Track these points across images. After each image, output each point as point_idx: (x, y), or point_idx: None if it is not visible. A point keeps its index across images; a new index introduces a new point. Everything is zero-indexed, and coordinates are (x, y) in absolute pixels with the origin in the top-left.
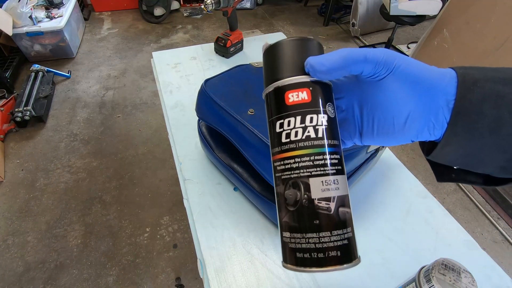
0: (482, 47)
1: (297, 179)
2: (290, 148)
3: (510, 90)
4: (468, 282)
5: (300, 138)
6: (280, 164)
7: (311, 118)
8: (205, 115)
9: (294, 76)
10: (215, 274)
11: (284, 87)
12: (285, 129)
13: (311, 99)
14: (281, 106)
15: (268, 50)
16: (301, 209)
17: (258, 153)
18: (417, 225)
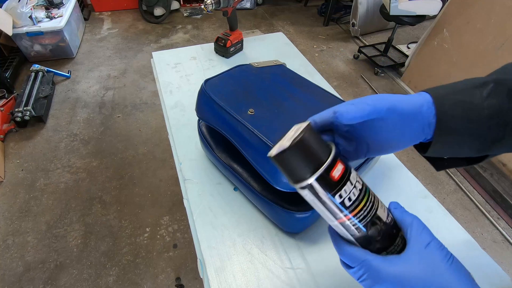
0: (482, 47)
1: (372, 219)
2: (356, 205)
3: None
4: None
5: (358, 194)
6: (353, 220)
7: (353, 176)
8: (205, 115)
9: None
10: (215, 274)
11: (326, 170)
12: (344, 196)
13: (344, 165)
14: (331, 184)
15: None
16: (384, 234)
17: (257, 153)
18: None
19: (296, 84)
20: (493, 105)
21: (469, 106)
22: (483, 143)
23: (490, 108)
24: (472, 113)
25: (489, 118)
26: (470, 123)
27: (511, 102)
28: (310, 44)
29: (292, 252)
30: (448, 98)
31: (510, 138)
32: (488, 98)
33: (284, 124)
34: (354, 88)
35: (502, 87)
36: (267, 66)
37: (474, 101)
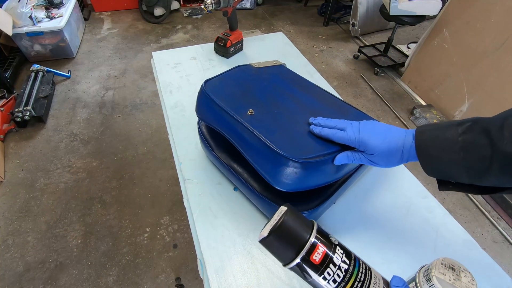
0: (482, 47)
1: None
2: (343, 286)
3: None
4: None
5: (343, 275)
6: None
7: (336, 257)
8: (205, 116)
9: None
10: (215, 274)
11: (306, 255)
12: (329, 279)
13: (325, 248)
14: (313, 267)
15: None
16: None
17: (257, 153)
18: (417, 225)
19: (296, 85)
20: (468, 140)
21: (444, 138)
22: (469, 172)
23: (465, 142)
24: (445, 145)
25: (464, 150)
26: (444, 152)
27: (486, 139)
28: (310, 44)
29: None
30: (427, 133)
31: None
32: (463, 134)
33: (283, 124)
34: (354, 88)
35: (477, 126)
36: (267, 67)
37: (448, 135)
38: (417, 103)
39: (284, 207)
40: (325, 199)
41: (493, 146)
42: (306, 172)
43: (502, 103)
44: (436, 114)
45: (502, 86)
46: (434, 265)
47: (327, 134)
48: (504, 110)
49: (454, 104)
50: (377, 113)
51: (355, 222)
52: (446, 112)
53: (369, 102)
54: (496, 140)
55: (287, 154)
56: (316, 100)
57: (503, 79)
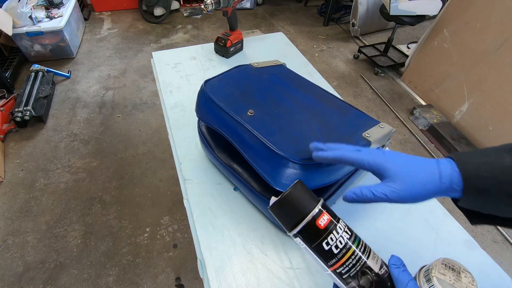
0: (482, 47)
1: (362, 268)
2: (344, 253)
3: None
4: (468, 282)
5: (345, 243)
6: (343, 268)
7: (339, 227)
8: (204, 116)
9: (314, 207)
10: (215, 274)
11: (312, 220)
12: (332, 244)
13: (330, 216)
14: (318, 231)
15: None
16: (378, 284)
17: (257, 154)
18: (417, 225)
19: (296, 85)
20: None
21: (498, 167)
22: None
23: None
24: (501, 174)
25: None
26: (500, 183)
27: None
28: (310, 44)
29: (292, 252)
30: (473, 161)
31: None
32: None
33: (283, 125)
34: (354, 88)
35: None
36: (267, 67)
37: (505, 163)
38: (417, 103)
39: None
40: (325, 200)
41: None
42: (306, 173)
43: (502, 103)
44: (436, 114)
45: (502, 86)
46: (434, 266)
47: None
48: (504, 110)
49: (454, 104)
50: (377, 113)
51: (355, 223)
52: (446, 112)
53: (369, 102)
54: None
55: (287, 155)
56: (316, 100)
57: (503, 79)
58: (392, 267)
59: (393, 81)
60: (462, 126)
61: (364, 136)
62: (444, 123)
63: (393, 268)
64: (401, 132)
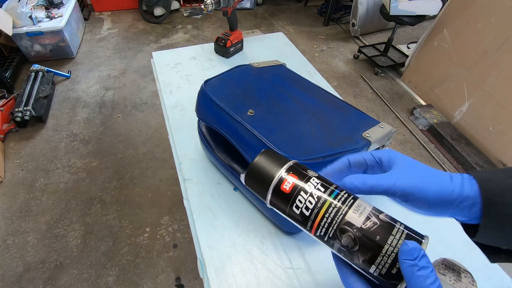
0: (482, 47)
1: (339, 226)
2: (316, 213)
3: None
4: (468, 282)
5: (315, 201)
6: (321, 229)
7: (308, 185)
8: (205, 116)
9: (276, 174)
10: (215, 274)
11: (276, 186)
12: (301, 206)
13: (297, 177)
14: (285, 197)
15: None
16: (362, 242)
17: (257, 153)
18: (417, 225)
19: (296, 85)
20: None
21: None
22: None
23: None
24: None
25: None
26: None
27: None
28: (310, 44)
29: (292, 252)
30: (496, 182)
31: None
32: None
33: (284, 124)
34: (354, 88)
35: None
36: (267, 66)
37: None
38: (417, 103)
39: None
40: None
41: None
42: None
43: (502, 103)
44: (436, 114)
45: (502, 86)
46: (435, 266)
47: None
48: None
49: (454, 104)
50: (377, 113)
51: None
52: (446, 112)
53: (369, 102)
54: None
55: (287, 155)
56: (317, 100)
57: (503, 79)
58: (403, 265)
59: (393, 81)
60: (462, 126)
61: (364, 136)
62: (444, 123)
63: (406, 266)
64: (401, 132)
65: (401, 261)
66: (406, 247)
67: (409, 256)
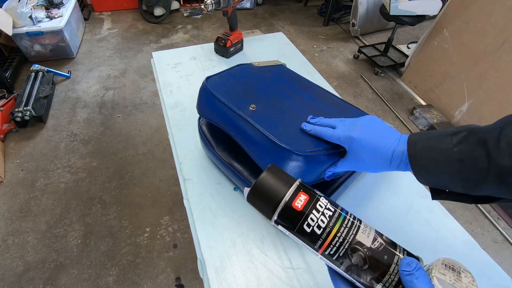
0: (482, 47)
1: (351, 245)
2: (328, 232)
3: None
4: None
5: (328, 220)
6: (331, 249)
7: (319, 205)
8: (206, 112)
9: (288, 191)
10: (215, 274)
11: (288, 203)
12: (313, 225)
13: (308, 195)
14: (297, 214)
15: (255, 189)
16: (371, 261)
17: (260, 147)
18: (417, 225)
19: (297, 84)
20: (463, 151)
21: (438, 149)
22: (464, 183)
23: (461, 153)
24: (439, 156)
25: (459, 162)
26: (438, 163)
27: (482, 150)
28: (310, 44)
29: (292, 252)
30: (421, 143)
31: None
32: (458, 145)
33: (286, 120)
34: (354, 88)
35: (473, 136)
36: (267, 66)
37: (443, 146)
38: (417, 103)
39: (271, 165)
40: (328, 195)
41: (489, 158)
42: (309, 166)
43: (502, 103)
44: (436, 114)
45: (502, 86)
46: (435, 266)
47: (316, 132)
48: (504, 110)
49: (454, 104)
50: (377, 113)
51: None
52: (446, 112)
53: (369, 102)
54: (493, 152)
55: (290, 147)
56: (317, 99)
57: (503, 79)
58: (403, 274)
59: (393, 81)
60: None
61: None
62: (444, 123)
63: (405, 275)
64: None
65: (401, 272)
66: (405, 260)
67: (407, 267)
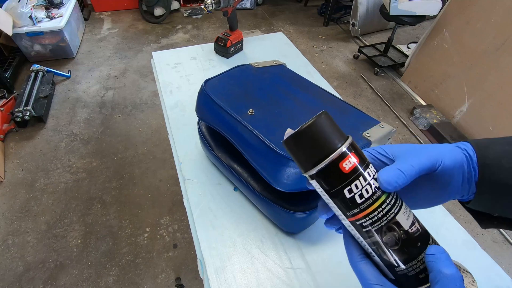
0: (482, 47)
1: (388, 224)
2: (369, 204)
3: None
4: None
5: (372, 192)
6: (366, 221)
7: (368, 173)
8: (205, 116)
9: (338, 148)
10: (215, 274)
11: (336, 160)
12: (356, 192)
13: (358, 159)
14: (341, 176)
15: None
16: (405, 243)
17: (257, 153)
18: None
19: (296, 84)
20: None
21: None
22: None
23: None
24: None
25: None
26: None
27: None
28: (310, 44)
29: (292, 252)
30: (493, 148)
31: None
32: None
33: (284, 124)
34: (354, 88)
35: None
36: (267, 66)
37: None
38: (417, 103)
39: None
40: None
41: None
42: None
43: (502, 103)
44: (436, 114)
45: (502, 86)
46: None
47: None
48: (504, 110)
49: (454, 104)
50: (377, 113)
51: None
52: (446, 112)
53: (369, 102)
54: None
55: (287, 154)
56: (317, 100)
57: (503, 79)
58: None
59: (393, 81)
60: (462, 126)
61: (364, 136)
62: (444, 123)
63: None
64: (401, 132)
65: (426, 256)
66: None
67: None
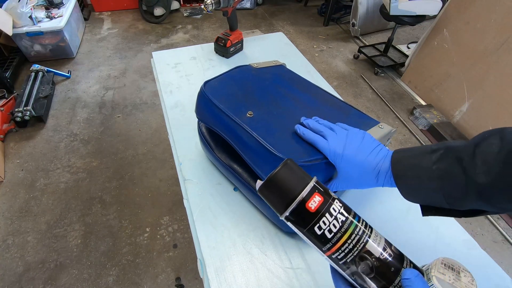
0: (482, 47)
1: (359, 253)
2: (338, 238)
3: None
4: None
5: (339, 226)
6: (339, 253)
7: (333, 209)
8: (204, 117)
9: (303, 190)
10: (215, 274)
11: (301, 203)
12: (324, 228)
13: (322, 198)
14: (309, 215)
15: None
16: (379, 270)
17: (256, 155)
18: (417, 225)
19: (296, 85)
20: (442, 168)
21: (419, 167)
22: (448, 199)
23: (440, 171)
24: (421, 174)
25: (439, 179)
26: (421, 181)
27: (459, 168)
28: (310, 44)
29: (292, 252)
30: (403, 162)
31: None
32: (437, 162)
33: (283, 125)
34: (354, 88)
35: (450, 154)
36: (267, 67)
37: (423, 164)
38: (417, 103)
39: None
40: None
41: (466, 175)
42: None
43: (502, 103)
44: (436, 114)
45: (502, 86)
46: (434, 265)
47: (309, 138)
48: (504, 110)
49: (454, 104)
50: (377, 113)
51: None
52: (446, 112)
53: (369, 102)
54: (469, 169)
55: (285, 156)
56: (316, 101)
57: (503, 79)
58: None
59: (393, 81)
60: (462, 126)
61: None
62: (444, 123)
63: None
64: (401, 132)
65: (402, 281)
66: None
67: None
